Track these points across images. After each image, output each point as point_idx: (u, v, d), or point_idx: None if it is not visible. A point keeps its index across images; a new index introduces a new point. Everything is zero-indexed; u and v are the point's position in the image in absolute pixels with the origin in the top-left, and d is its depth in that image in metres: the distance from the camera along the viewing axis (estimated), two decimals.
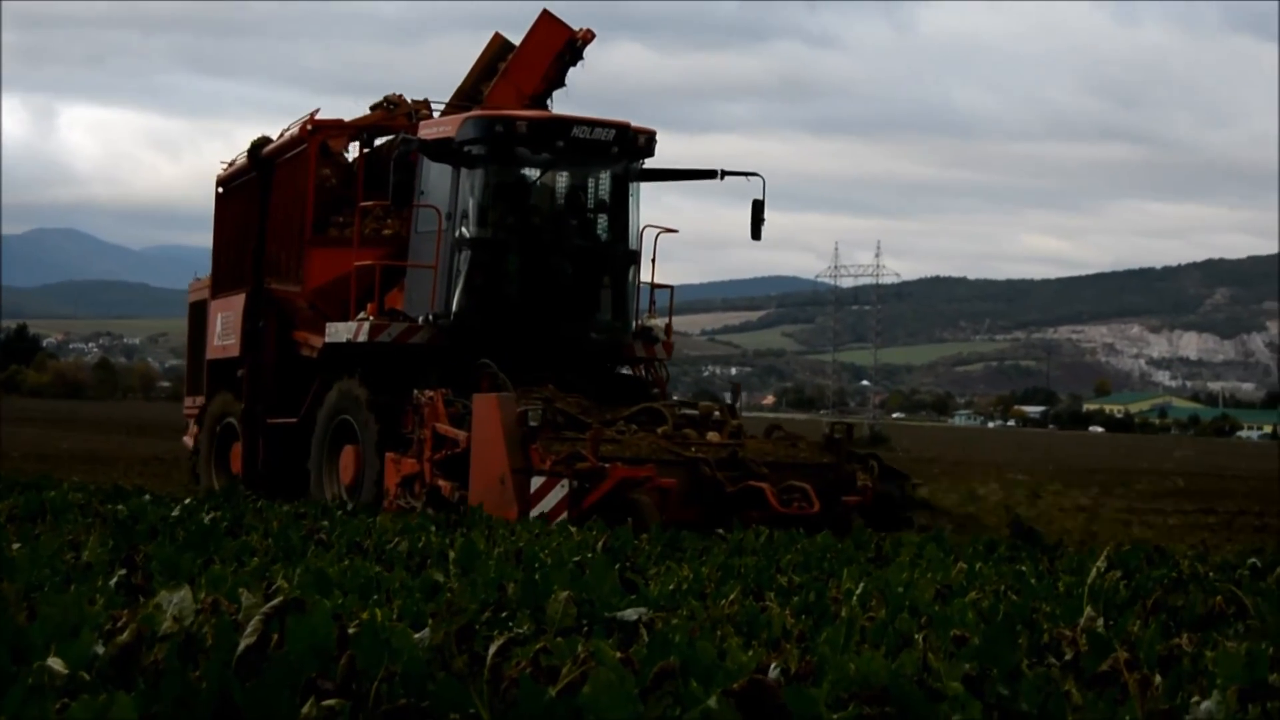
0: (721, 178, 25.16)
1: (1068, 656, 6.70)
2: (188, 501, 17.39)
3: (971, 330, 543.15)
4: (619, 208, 24.66)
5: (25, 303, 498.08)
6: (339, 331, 24.33)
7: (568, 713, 4.73)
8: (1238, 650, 6.45)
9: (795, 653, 6.68)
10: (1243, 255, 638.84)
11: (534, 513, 19.61)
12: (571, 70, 26.57)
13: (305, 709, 4.87)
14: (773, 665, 5.91)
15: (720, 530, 17.59)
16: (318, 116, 25.99)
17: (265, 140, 27.24)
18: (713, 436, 22.65)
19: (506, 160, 24.20)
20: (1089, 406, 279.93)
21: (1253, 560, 15.12)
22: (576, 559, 11.88)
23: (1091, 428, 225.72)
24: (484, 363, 22.65)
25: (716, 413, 23.85)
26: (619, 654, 5.78)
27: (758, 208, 25.04)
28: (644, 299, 25.37)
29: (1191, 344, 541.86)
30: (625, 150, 24.17)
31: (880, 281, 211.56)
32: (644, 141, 24.25)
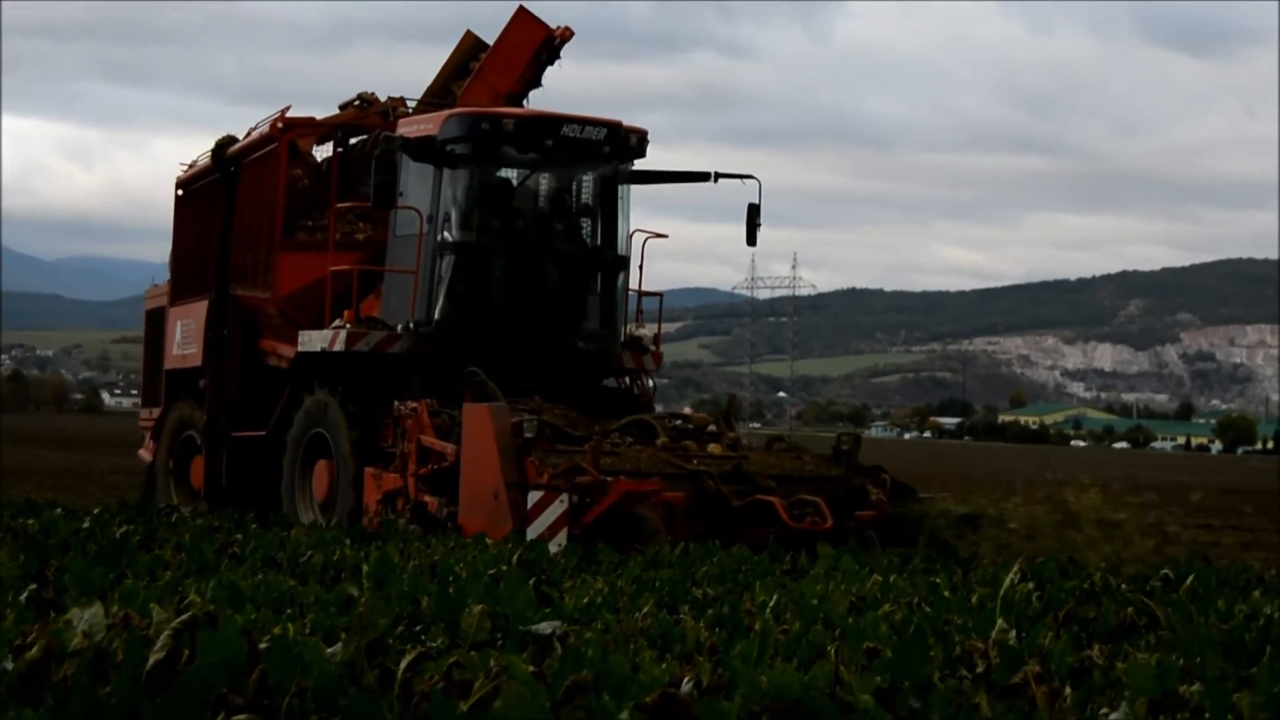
0: (715, 180, 24.25)
1: (979, 669, 6.73)
2: (98, 513, 17.32)
3: (887, 342, 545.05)
4: (608, 211, 23.63)
5: None
6: (312, 340, 23.21)
7: None
8: (1148, 662, 6.50)
9: (708, 666, 6.69)
10: (1157, 267, 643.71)
11: (530, 529, 18.41)
12: (549, 70, 25.55)
13: None
14: (686, 679, 5.92)
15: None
16: (289, 114, 24.80)
17: (230, 140, 26.08)
18: (714, 448, 21.62)
19: (492, 160, 23.17)
20: (1004, 418, 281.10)
21: (1165, 571, 15.22)
22: (491, 572, 11.88)
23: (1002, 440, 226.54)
24: (472, 371, 21.31)
25: (712, 425, 22.71)
26: (532, 668, 5.78)
27: (753, 212, 24.11)
28: (630, 306, 24.40)
29: (1106, 356, 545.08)
30: (616, 150, 23.14)
31: (796, 293, 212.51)
32: (636, 142, 23.24)
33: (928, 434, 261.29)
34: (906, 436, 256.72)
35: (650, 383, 25.00)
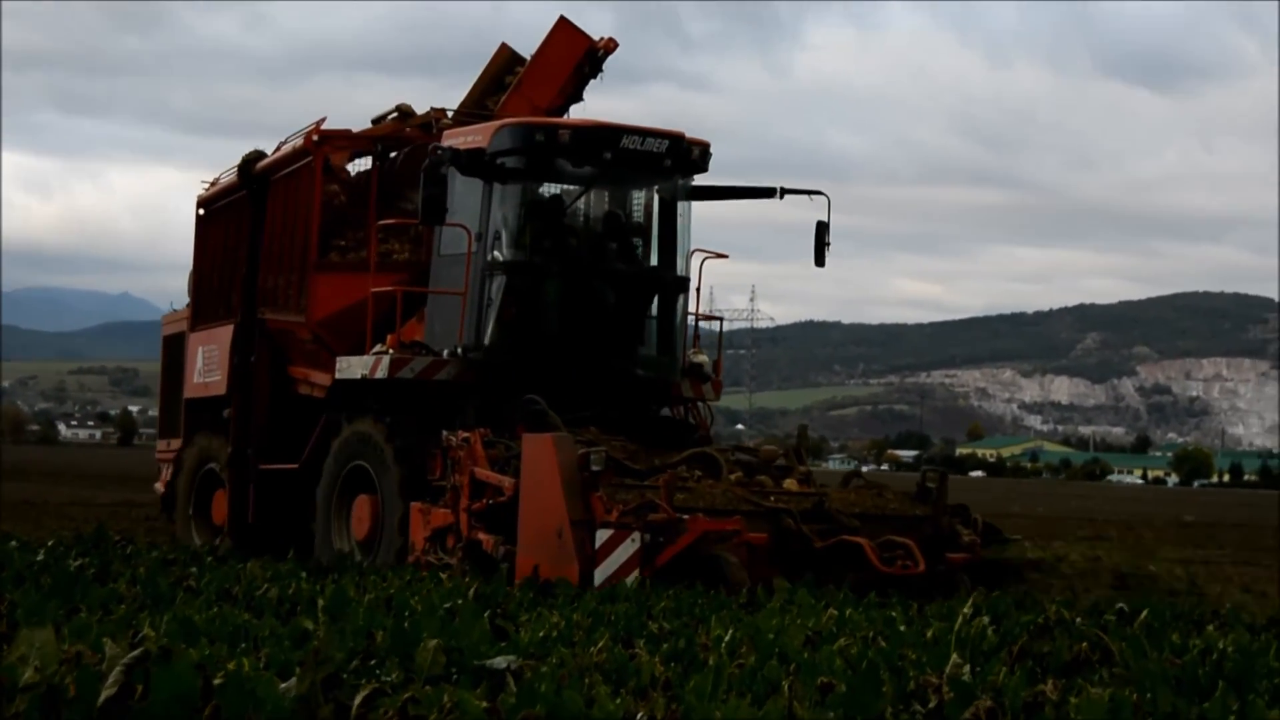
0: (781, 196, 22.66)
1: (932, 704, 6.76)
2: (52, 546, 17.27)
3: (845, 375, 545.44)
4: (668, 229, 22.10)
5: None
6: (352, 366, 21.68)
7: None
8: (1101, 697, 6.53)
9: (662, 701, 6.71)
10: (1114, 300, 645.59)
11: (598, 571, 17.23)
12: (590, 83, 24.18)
13: None
14: (640, 715, 5.93)
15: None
16: (324, 127, 23.23)
17: (259, 154, 24.51)
18: (790, 484, 20.17)
19: (546, 174, 21.53)
20: (962, 450, 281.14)
21: (1120, 605, 15.28)
22: (447, 605, 11.88)
23: (971, 472, 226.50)
24: (531, 399, 19.77)
25: (780, 459, 21.15)
26: (485, 703, 5.80)
27: (821, 230, 22.39)
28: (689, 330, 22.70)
29: (1063, 388, 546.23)
30: (679, 164, 21.63)
31: (755, 325, 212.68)
32: (698, 155, 21.72)
33: (885, 466, 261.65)
34: (865, 469, 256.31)
35: (708, 414, 23.15)
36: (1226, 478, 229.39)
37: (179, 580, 13.88)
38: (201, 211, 26.31)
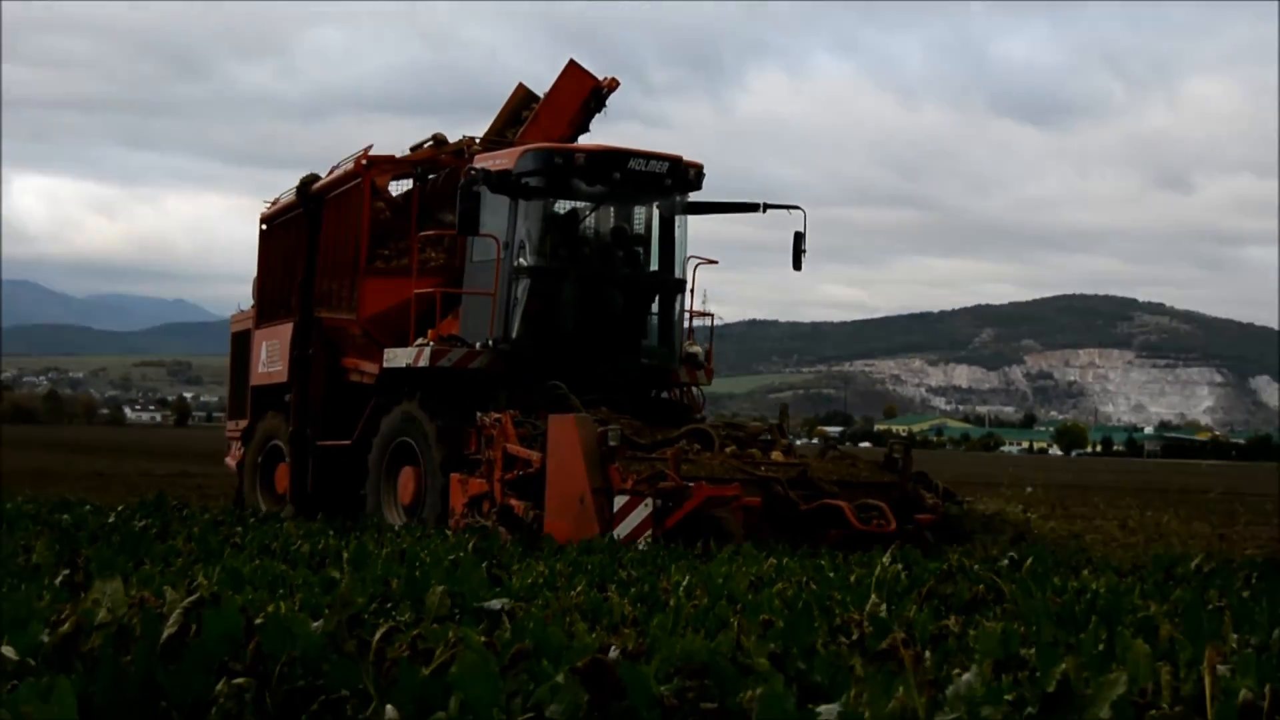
0: (764, 210, 22.27)
1: (855, 636, 6.76)
2: (121, 510, 17.21)
3: (782, 364, 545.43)
4: (667, 238, 22.06)
5: None
6: (398, 357, 21.67)
7: (439, 689, 4.73)
8: (995, 630, 6.53)
9: (631, 635, 6.70)
10: (1005, 301, 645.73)
11: (617, 531, 17.00)
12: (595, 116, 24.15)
13: (219, 687, 4.84)
14: (612, 646, 5.92)
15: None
16: (371, 153, 23.32)
17: (314, 177, 24.47)
18: (777, 456, 19.99)
19: (564, 192, 21.41)
20: (879, 427, 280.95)
21: (1011, 553, 15.30)
22: (451, 558, 11.85)
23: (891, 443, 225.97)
24: (554, 384, 20.13)
25: (765, 434, 21.05)
26: (484, 638, 5.78)
27: (799, 239, 22.04)
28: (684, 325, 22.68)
29: (962, 375, 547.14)
30: (677, 183, 21.54)
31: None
32: (694, 175, 21.62)
33: (815, 440, 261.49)
34: (799, 443, 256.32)
35: (699, 395, 23.07)
36: (1099, 448, 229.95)
37: (227, 538, 13.83)
38: (264, 227, 26.09)
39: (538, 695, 4.79)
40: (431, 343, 21.21)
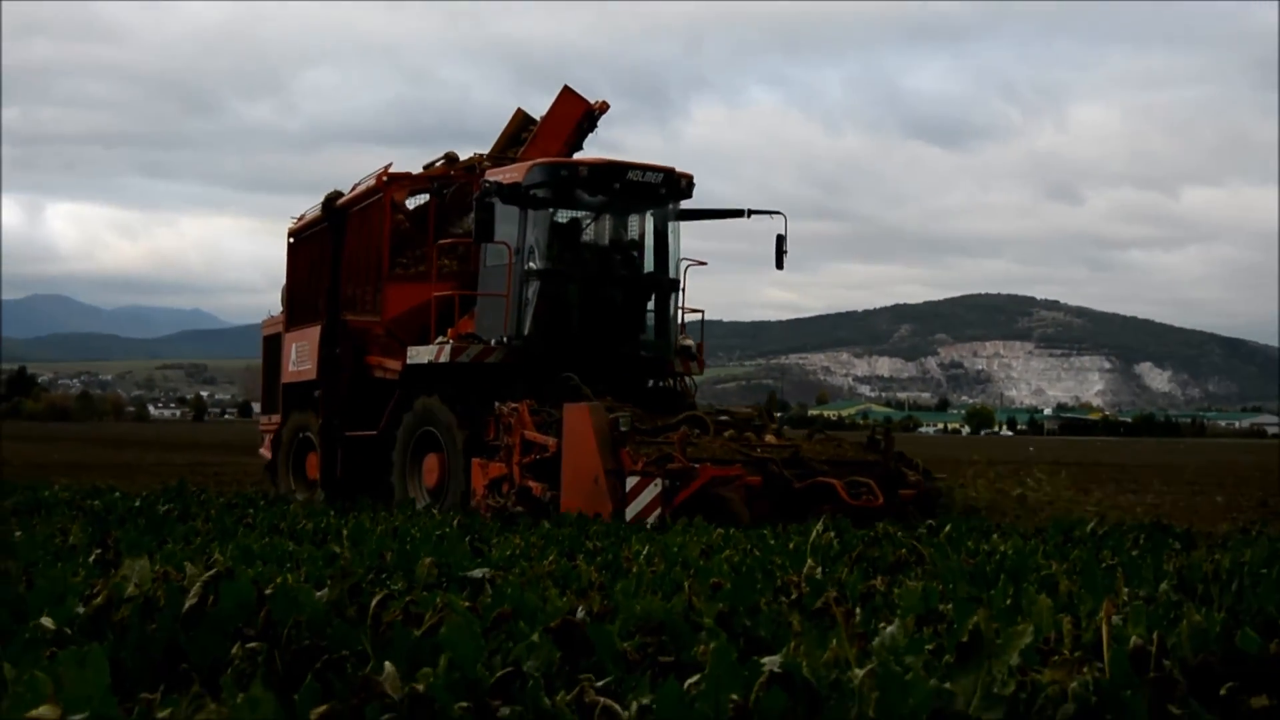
0: (748, 216, 21.71)
1: (793, 596, 6.76)
2: (146, 496, 17.14)
3: (726, 358, 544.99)
4: (662, 243, 21.36)
5: (24, 351, 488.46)
6: (420, 354, 21.21)
7: (429, 648, 4.72)
8: (916, 588, 6.54)
9: (598, 598, 6.69)
10: (920, 301, 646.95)
11: (629, 510, 16.62)
12: (589, 136, 23.62)
13: (234, 650, 4.82)
14: (580, 608, 5.92)
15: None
16: (391, 170, 22.84)
17: (338, 194, 23.91)
18: (770, 438, 19.41)
19: (569, 202, 20.90)
20: (813, 412, 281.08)
21: (930, 521, 15.34)
22: (439, 533, 11.83)
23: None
24: (567, 376, 19.61)
25: (756, 419, 20.42)
26: (468, 603, 5.77)
27: (780, 242, 21.40)
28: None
29: (884, 366, 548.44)
30: (671, 192, 20.98)
31: None
32: (685, 184, 21.08)
33: None
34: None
35: (692, 384, 22.44)
36: (1005, 428, 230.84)
37: (240, 519, 13.79)
38: (291, 240, 25.53)
39: (516, 652, 4.78)
40: (451, 340, 20.87)
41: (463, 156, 23.80)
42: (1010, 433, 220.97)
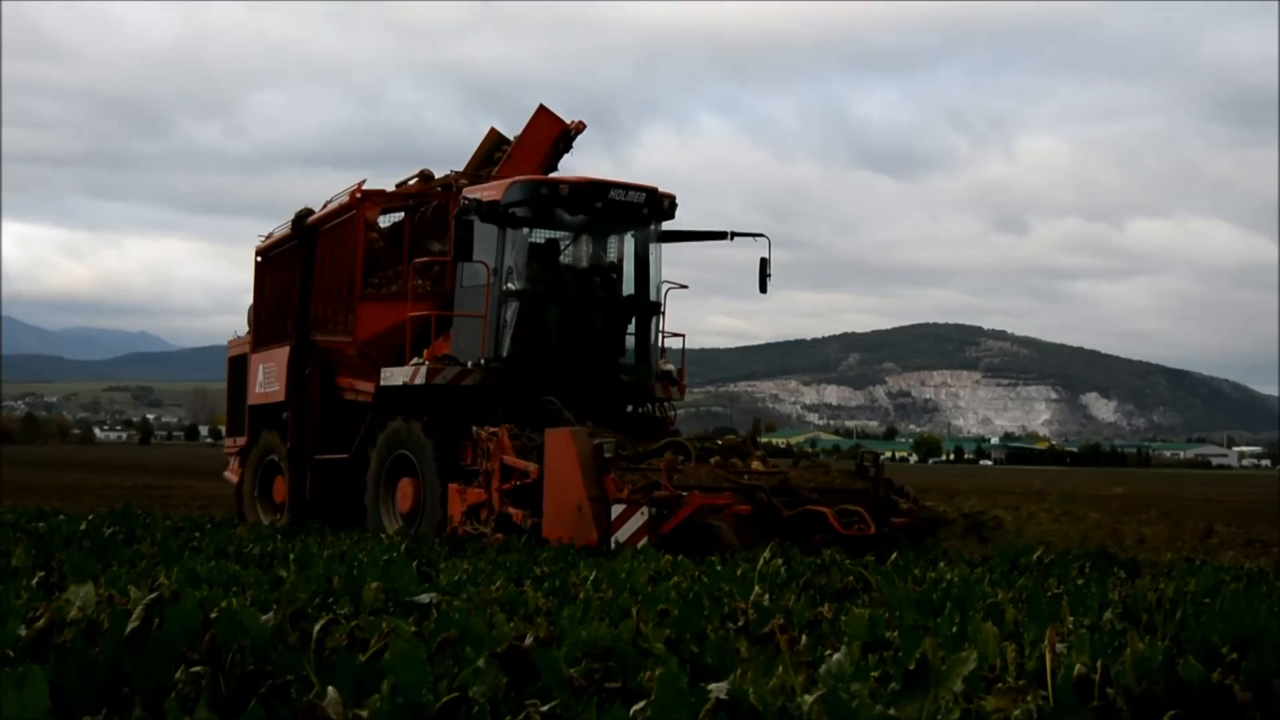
0: (731, 238, 21.09)
1: (740, 622, 6.76)
2: (91, 519, 17.00)
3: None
4: (643, 264, 20.75)
5: None
6: (395, 375, 20.48)
7: (374, 674, 4.69)
8: (863, 615, 6.56)
9: (544, 624, 6.67)
10: (868, 329, 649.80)
11: (615, 538, 16.09)
12: (565, 157, 23.02)
13: (178, 675, 4.78)
14: (527, 634, 5.90)
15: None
16: (364, 187, 22.13)
17: (308, 211, 23.24)
18: (756, 465, 18.86)
19: (549, 221, 20.22)
20: (761, 440, 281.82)
21: (875, 551, 15.35)
22: (385, 557, 11.77)
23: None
24: (548, 400, 19.01)
25: (741, 446, 19.83)
26: (414, 628, 5.74)
27: (764, 264, 20.86)
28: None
29: (833, 394, 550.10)
30: (653, 212, 20.37)
31: None
32: (668, 205, 20.47)
33: None
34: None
35: (672, 410, 21.78)
36: (952, 456, 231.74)
37: (186, 542, 13.70)
38: (259, 259, 24.90)
39: (462, 678, 4.76)
40: (427, 362, 20.24)
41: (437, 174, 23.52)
42: (954, 459, 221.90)
